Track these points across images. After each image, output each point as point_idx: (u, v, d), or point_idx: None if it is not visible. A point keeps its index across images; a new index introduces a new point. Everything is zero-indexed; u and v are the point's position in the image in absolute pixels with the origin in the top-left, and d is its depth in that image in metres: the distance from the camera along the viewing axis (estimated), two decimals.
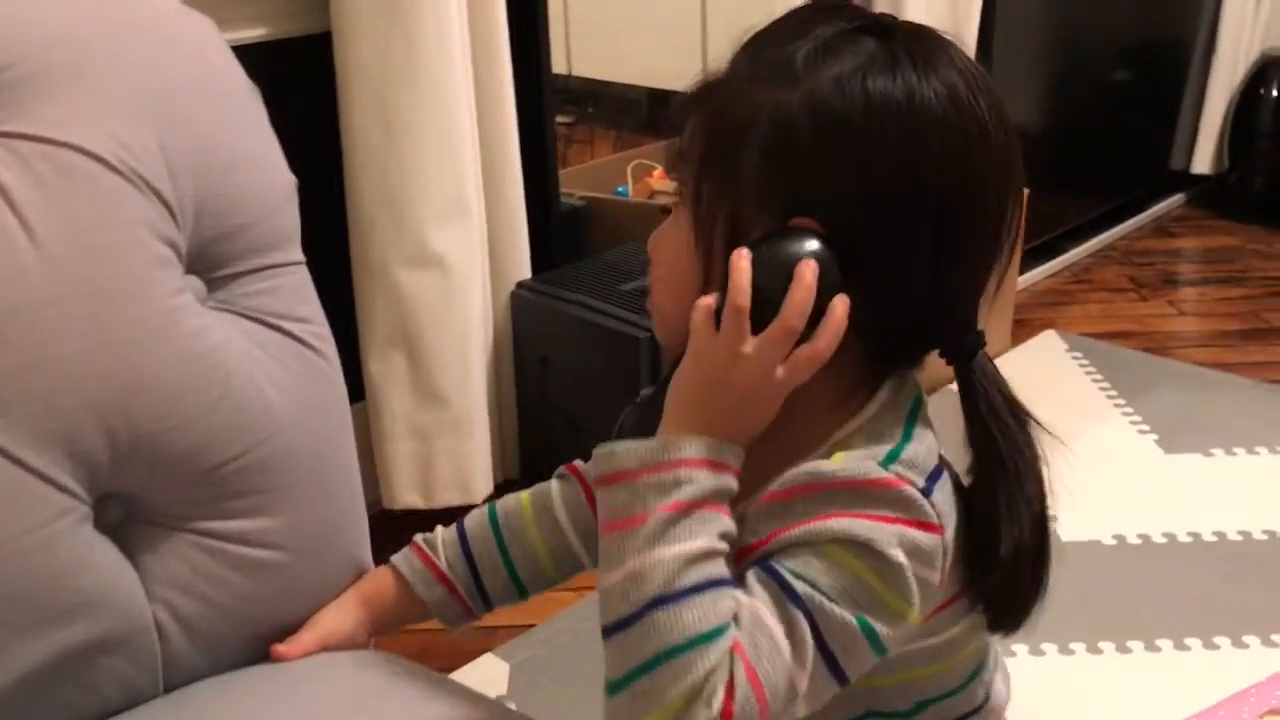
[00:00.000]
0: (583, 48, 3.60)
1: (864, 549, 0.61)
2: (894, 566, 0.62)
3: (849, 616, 0.61)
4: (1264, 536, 1.70)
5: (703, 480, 0.62)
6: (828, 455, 0.65)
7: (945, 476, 0.66)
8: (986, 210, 0.65)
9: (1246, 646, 1.47)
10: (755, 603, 0.62)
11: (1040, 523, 0.68)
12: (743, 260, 0.62)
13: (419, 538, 0.87)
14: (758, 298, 0.61)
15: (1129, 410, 2.08)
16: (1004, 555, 0.66)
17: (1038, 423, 0.68)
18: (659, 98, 3.76)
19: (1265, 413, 2.08)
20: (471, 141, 1.67)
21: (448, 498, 1.72)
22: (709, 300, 0.64)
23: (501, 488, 1.85)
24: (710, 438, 0.63)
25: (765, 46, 0.66)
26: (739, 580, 0.64)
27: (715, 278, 0.65)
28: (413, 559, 0.85)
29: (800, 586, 0.61)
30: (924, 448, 0.66)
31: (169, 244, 0.74)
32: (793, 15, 0.68)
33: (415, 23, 1.54)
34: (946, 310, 0.67)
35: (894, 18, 0.67)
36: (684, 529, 0.62)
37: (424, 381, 1.68)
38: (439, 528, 0.88)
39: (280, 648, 0.81)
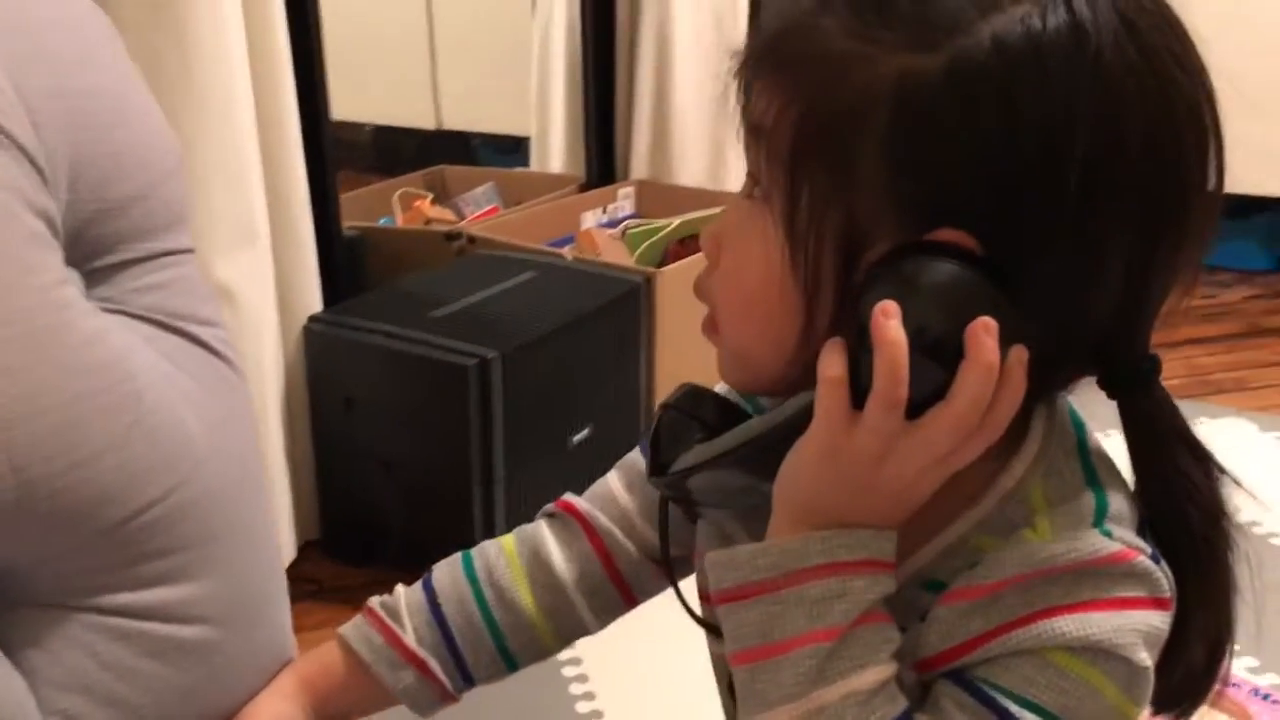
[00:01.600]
0: None
1: (1103, 654, 0.49)
2: (1139, 672, 0.50)
3: None
4: None
5: (862, 588, 0.49)
6: (1011, 515, 0.52)
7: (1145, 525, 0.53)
8: (1200, 178, 0.49)
9: None
10: None
11: (1230, 607, 0.54)
12: (893, 326, 0.46)
13: (375, 603, 0.68)
14: (911, 364, 0.46)
15: None
16: (1192, 658, 0.53)
17: (1234, 479, 0.53)
18: (386, 135, 3.63)
19: None
20: (256, 162, 1.48)
21: None
22: (840, 370, 0.48)
23: (303, 550, 1.65)
24: (863, 530, 0.49)
25: None
26: (920, 695, 0.51)
27: (823, 310, 0.50)
28: (370, 633, 0.66)
29: (1030, 718, 0.49)
30: (1121, 491, 0.53)
31: (43, 217, 0.54)
32: None
33: (194, 51, 1.35)
34: (1131, 326, 0.51)
35: None
36: (848, 658, 0.48)
37: None
38: (399, 587, 0.69)
39: None
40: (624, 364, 1.72)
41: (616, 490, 0.69)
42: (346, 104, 3.80)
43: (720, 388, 0.62)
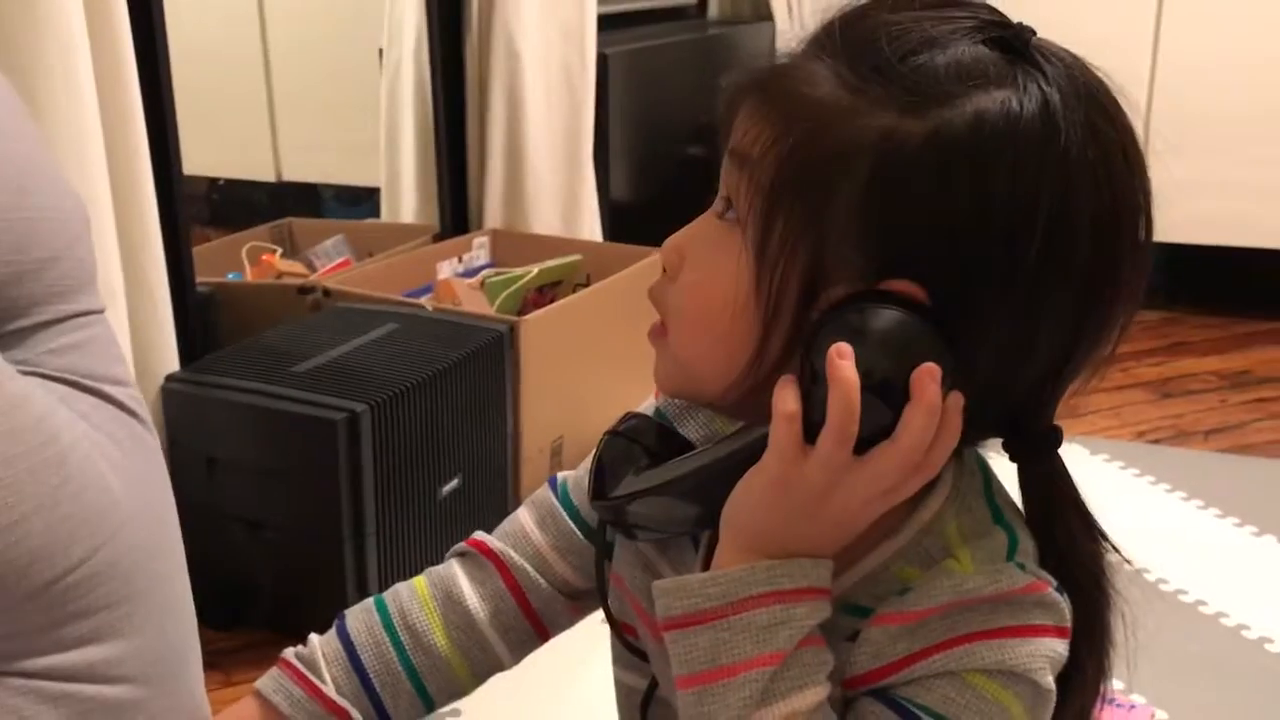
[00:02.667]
0: None
1: (1015, 678, 0.53)
2: (1044, 695, 0.54)
3: None
4: None
5: (803, 615, 0.52)
6: (930, 548, 0.56)
7: None
8: (1131, 271, 0.54)
9: None
10: None
11: (1109, 664, 0.59)
12: (847, 366, 0.49)
13: (290, 654, 0.68)
14: (863, 402, 0.49)
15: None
16: (1079, 706, 0.58)
17: (1114, 546, 0.58)
18: (221, 190, 3.56)
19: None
20: (110, 218, 1.45)
21: None
22: (795, 408, 0.51)
23: None
24: (804, 559, 0.52)
25: (873, 45, 0.51)
26: (845, 708, 0.54)
27: (777, 337, 0.53)
28: (289, 685, 0.67)
29: None
30: (1025, 530, 0.57)
31: None
32: (907, 1, 0.53)
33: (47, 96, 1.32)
34: (1041, 401, 0.56)
35: (1031, 29, 0.54)
36: (790, 679, 0.52)
37: None
38: (313, 637, 0.69)
39: None
40: (490, 413, 1.73)
41: (528, 527, 0.71)
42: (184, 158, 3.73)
43: (646, 408, 0.65)
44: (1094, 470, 1.90)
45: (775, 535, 0.53)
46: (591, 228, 2.43)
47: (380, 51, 2.56)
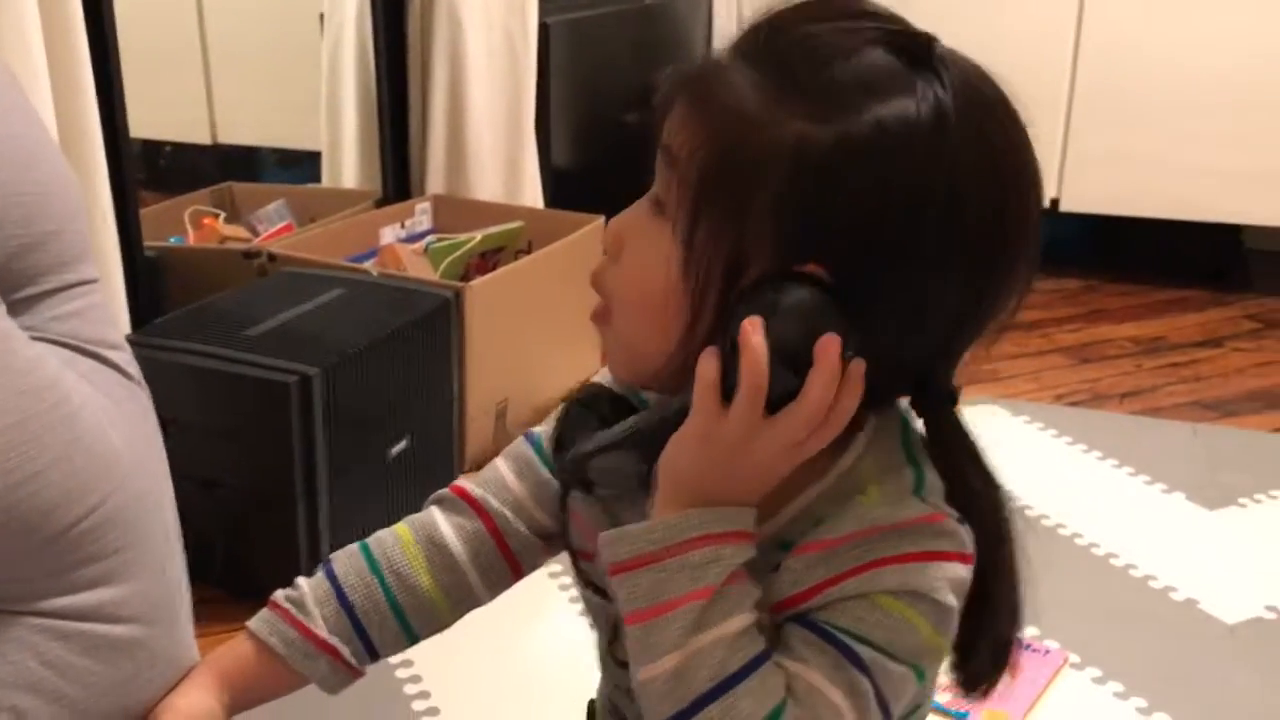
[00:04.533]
0: None
1: (918, 597, 0.59)
2: (947, 611, 0.60)
3: (906, 669, 0.60)
4: None
5: (730, 555, 0.59)
6: (844, 488, 0.62)
7: None
8: (1016, 254, 0.60)
9: None
10: (809, 671, 0.59)
11: (1018, 593, 0.65)
12: (757, 335, 0.56)
13: (281, 596, 0.74)
14: (771, 369, 0.56)
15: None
16: (993, 633, 0.64)
17: (1009, 496, 0.65)
18: (154, 150, 3.52)
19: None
20: None
21: None
22: (714, 373, 0.57)
23: None
24: (728, 507, 0.59)
25: (788, 56, 0.58)
26: (775, 633, 0.60)
27: (705, 317, 0.59)
28: (283, 626, 0.72)
29: (863, 650, 0.59)
30: (934, 473, 0.63)
31: None
32: (824, 11, 0.59)
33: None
34: (940, 365, 0.62)
35: (934, 38, 0.59)
36: (720, 610, 0.58)
37: None
38: (300, 580, 0.75)
39: None
40: (437, 376, 1.77)
41: (507, 477, 0.77)
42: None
43: (602, 377, 0.71)
44: (1015, 431, 2.00)
45: (703, 485, 0.59)
46: (533, 194, 2.47)
47: (321, 17, 2.56)
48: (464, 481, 0.79)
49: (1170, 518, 1.79)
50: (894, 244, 0.57)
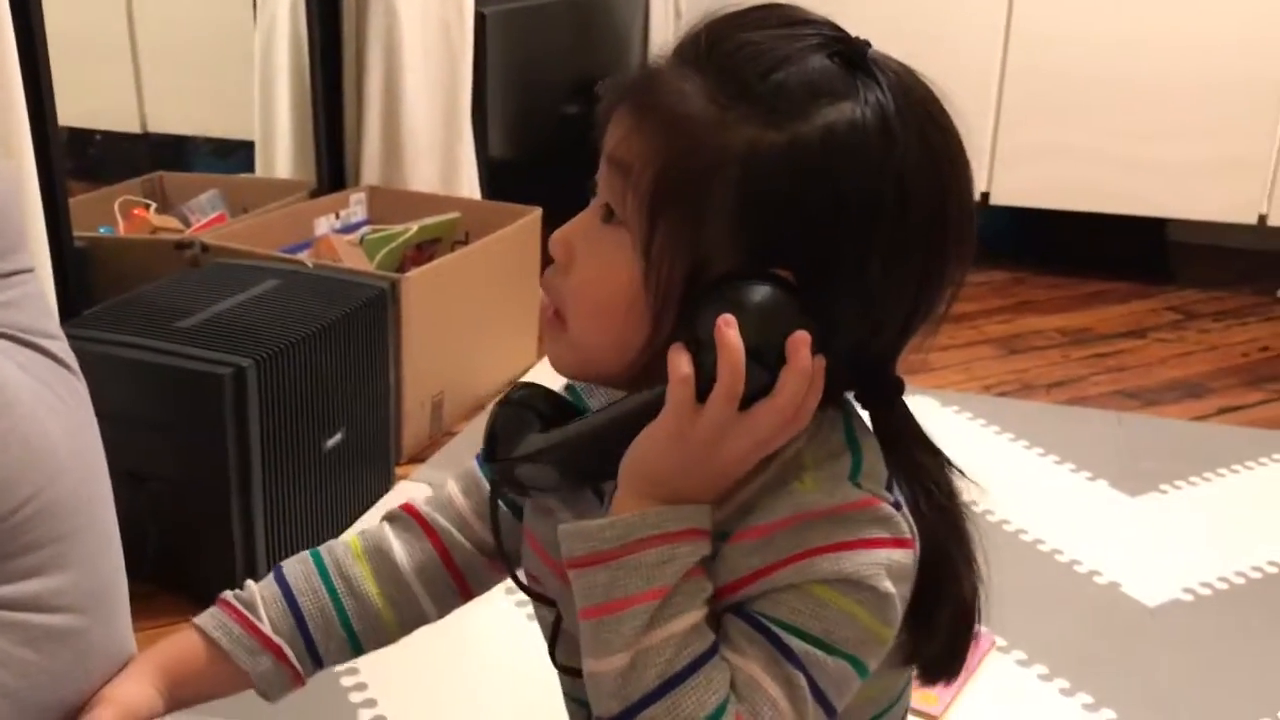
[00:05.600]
0: None
1: (854, 586, 0.59)
2: (884, 598, 0.60)
3: (843, 661, 0.60)
4: None
5: (686, 554, 0.59)
6: (783, 476, 0.62)
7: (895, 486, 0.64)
8: (958, 249, 0.62)
9: None
10: (749, 665, 0.59)
11: (974, 576, 0.66)
12: (733, 334, 0.56)
13: (230, 595, 0.74)
14: (746, 365, 0.56)
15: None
16: (948, 617, 0.65)
17: (960, 471, 0.67)
18: (83, 138, 3.45)
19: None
20: None
21: None
22: (689, 371, 0.58)
23: None
24: (687, 505, 0.60)
25: (736, 64, 0.59)
26: (717, 619, 0.61)
27: (667, 323, 0.60)
28: (228, 622, 0.72)
29: (795, 644, 0.59)
30: (875, 455, 0.64)
31: None
32: (762, 18, 0.60)
33: None
34: (886, 359, 0.64)
35: (868, 43, 0.61)
36: (673, 607, 0.58)
37: None
38: (249, 582, 0.75)
39: None
40: (373, 369, 1.77)
41: (454, 495, 0.79)
42: None
43: (536, 375, 0.72)
44: (944, 421, 2.03)
45: (668, 482, 0.59)
46: (470, 185, 2.46)
47: (254, 4, 2.53)
48: (413, 500, 0.79)
49: (1094, 504, 1.83)
50: (849, 243, 0.58)
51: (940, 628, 0.65)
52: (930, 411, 0.66)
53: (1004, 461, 1.96)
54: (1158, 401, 2.22)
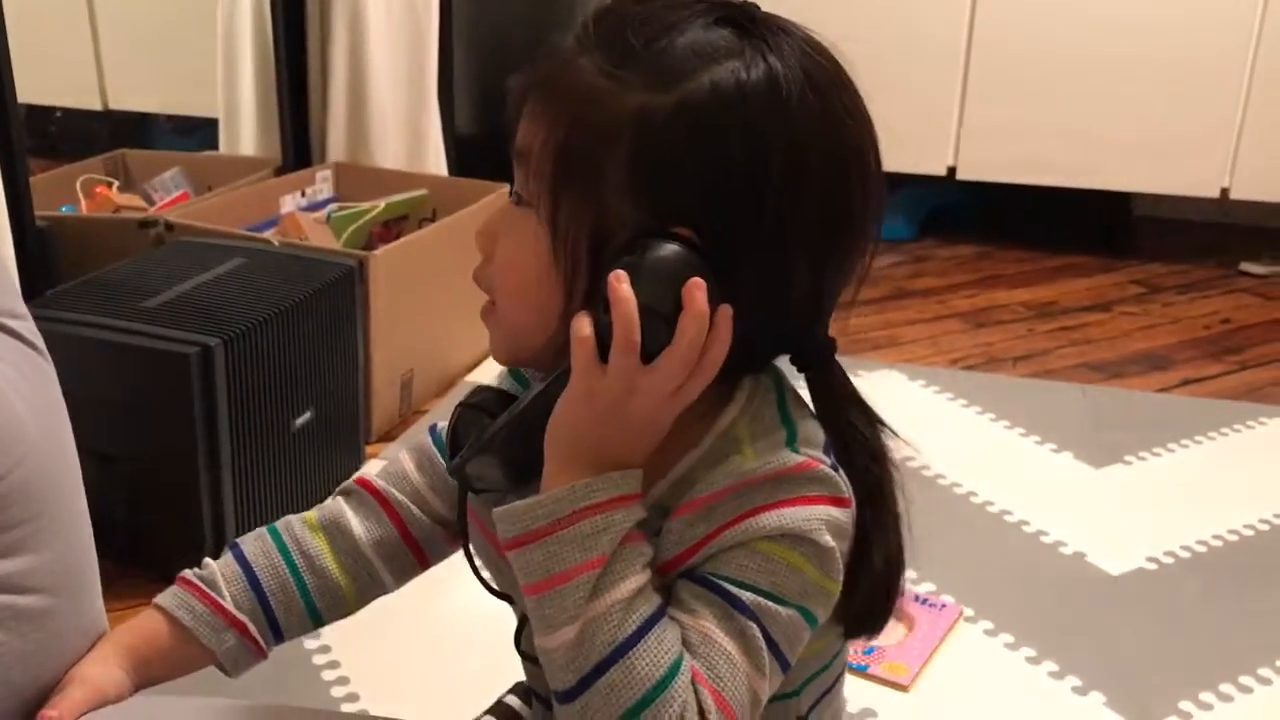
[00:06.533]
0: None
1: (797, 540, 0.61)
2: (826, 551, 0.62)
3: (793, 611, 0.61)
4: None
5: (620, 519, 0.60)
6: (723, 449, 0.63)
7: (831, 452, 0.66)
8: (863, 202, 0.63)
9: None
10: (701, 622, 0.60)
11: (899, 532, 0.68)
12: (624, 288, 0.58)
13: (190, 574, 0.74)
14: (643, 320, 0.58)
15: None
16: (874, 570, 0.65)
17: (892, 430, 0.68)
18: (43, 115, 3.40)
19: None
20: None
21: None
22: (589, 332, 0.59)
23: None
24: (614, 472, 0.60)
25: (622, 36, 0.60)
26: (668, 593, 0.62)
27: (579, 291, 0.61)
28: (192, 601, 0.72)
29: (745, 596, 0.60)
30: (810, 423, 0.65)
31: None
32: None
33: None
34: (815, 314, 0.65)
35: (755, 6, 0.63)
36: (613, 575, 0.59)
37: None
38: (208, 560, 0.75)
39: (50, 713, 0.65)
40: (341, 347, 1.76)
41: (409, 469, 0.79)
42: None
43: (499, 379, 0.72)
44: (912, 395, 2.05)
45: (589, 445, 0.60)
46: (437, 162, 2.45)
47: None
48: (368, 474, 0.79)
49: (1059, 476, 1.86)
50: (744, 198, 0.59)
51: (861, 585, 0.66)
52: (898, 385, 0.67)
53: (972, 435, 1.98)
54: (1122, 374, 2.25)
